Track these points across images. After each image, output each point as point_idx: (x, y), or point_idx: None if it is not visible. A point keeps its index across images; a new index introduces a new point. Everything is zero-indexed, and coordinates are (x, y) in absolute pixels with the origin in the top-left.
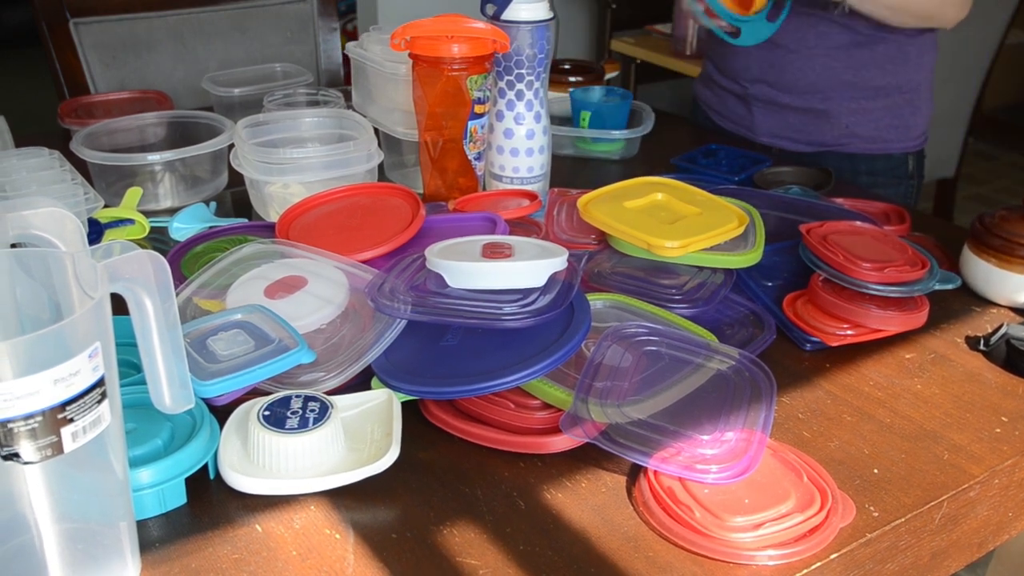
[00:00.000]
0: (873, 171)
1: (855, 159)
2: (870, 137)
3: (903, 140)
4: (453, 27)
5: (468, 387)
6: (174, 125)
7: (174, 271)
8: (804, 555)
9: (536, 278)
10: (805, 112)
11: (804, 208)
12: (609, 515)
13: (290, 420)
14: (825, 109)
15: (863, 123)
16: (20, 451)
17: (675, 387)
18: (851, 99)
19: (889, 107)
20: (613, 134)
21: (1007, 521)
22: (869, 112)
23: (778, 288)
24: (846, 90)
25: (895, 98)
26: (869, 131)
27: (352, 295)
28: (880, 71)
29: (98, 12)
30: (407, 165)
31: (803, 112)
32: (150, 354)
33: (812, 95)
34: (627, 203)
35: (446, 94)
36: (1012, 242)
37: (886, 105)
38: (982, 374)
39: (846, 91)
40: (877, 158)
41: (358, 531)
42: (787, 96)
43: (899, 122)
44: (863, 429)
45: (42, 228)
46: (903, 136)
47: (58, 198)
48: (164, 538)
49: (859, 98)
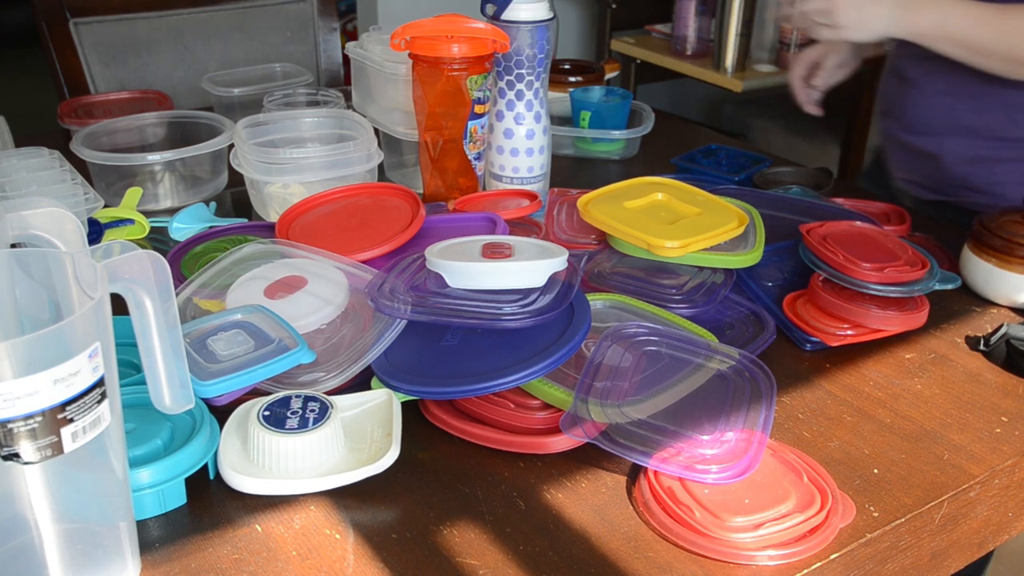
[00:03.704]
0: None
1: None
2: (989, 192)
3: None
4: (453, 27)
5: (468, 387)
6: (174, 125)
7: (174, 271)
8: (804, 555)
9: (536, 278)
10: (920, 155)
11: (804, 208)
12: (609, 515)
13: (290, 420)
14: (939, 154)
15: (980, 175)
16: (20, 451)
17: (675, 387)
18: (968, 147)
19: (1016, 160)
20: (613, 134)
21: (1007, 521)
22: (988, 163)
23: (778, 288)
24: (964, 137)
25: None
26: (987, 185)
27: (352, 295)
28: (1008, 121)
29: (98, 12)
30: (407, 165)
31: (918, 154)
32: (150, 354)
33: (928, 137)
34: (627, 203)
35: (446, 94)
36: (1012, 242)
37: (1012, 158)
38: (982, 374)
39: (964, 138)
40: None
41: (358, 531)
42: (904, 134)
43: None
44: (863, 429)
45: (42, 228)
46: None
47: (58, 198)
48: (164, 538)
49: (978, 147)
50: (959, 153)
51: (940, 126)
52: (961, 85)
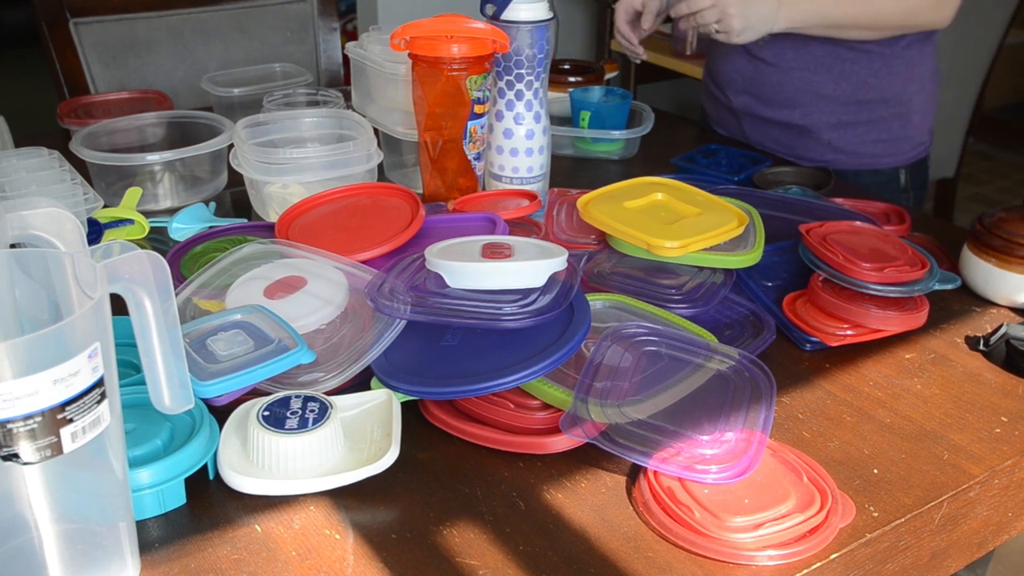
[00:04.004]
0: (863, 186)
1: (841, 175)
2: (854, 152)
3: (892, 155)
4: (453, 27)
5: (468, 387)
6: (173, 125)
7: (173, 271)
8: (804, 555)
9: (536, 278)
10: (787, 127)
11: (804, 208)
12: (609, 515)
13: (290, 420)
14: (805, 124)
15: (846, 138)
16: (19, 451)
17: (675, 387)
18: (831, 114)
19: (874, 122)
20: (613, 134)
21: (1007, 521)
22: (851, 127)
23: (778, 288)
24: (825, 103)
25: (880, 112)
26: (852, 146)
27: (352, 295)
28: (862, 85)
29: (98, 12)
30: (407, 165)
31: (785, 126)
32: (149, 354)
33: (791, 109)
34: (627, 203)
35: (446, 94)
36: (1012, 242)
37: (870, 120)
38: (982, 374)
39: (825, 104)
40: (863, 173)
41: (358, 531)
42: (768, 109)
43: (887, 136)
44: (863, 429)
45: (42, 228)
46: (892, 151)
47: (57, 198)
48: (164, 538)
49: (839, 113)
50: (824, 120)
51: (803, 99)
52: (815, 60)
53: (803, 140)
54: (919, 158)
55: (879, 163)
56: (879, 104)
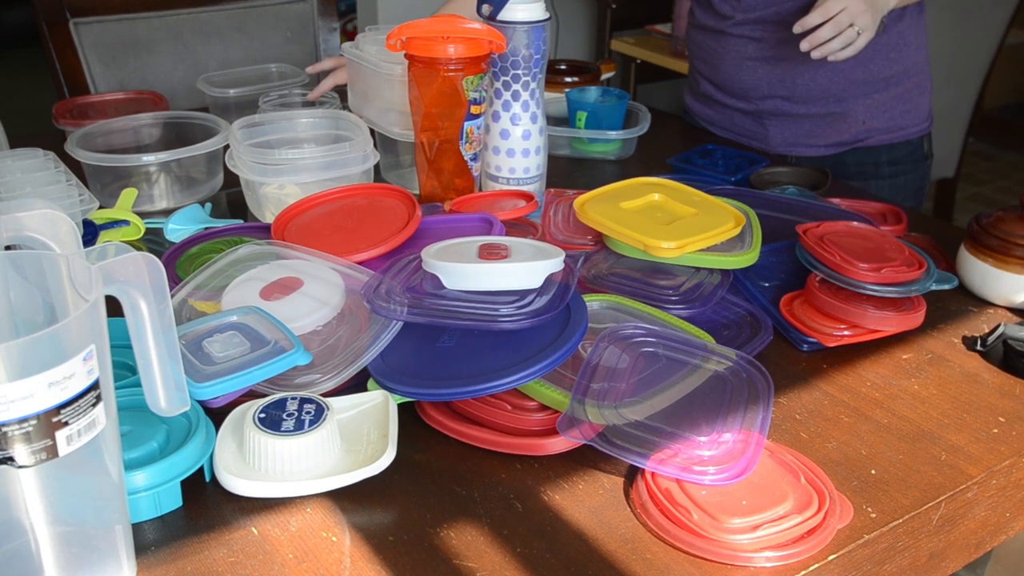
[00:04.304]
0: (894, 159)
1: (876, 151)
2: (887, 128)
3: (917, 123)
4: (449, 28)
5: (465, 389)
6: (169, 126)
7: (169, 273)
8: (802, 556)
9: (532, 279)
10: (823, 117)
11: (801, 208)
12: (606, 517)
13: (286, 422)
14: (842, 111)
15: (879, 116)
16: (14, 455)
17: (672, 388)
18: (864, 95)
19: (900, 95)
20: (609, 135)
21: (1005, 521)
22: (883, 104)
23: (775, 289)
24: (859, 87)
25: (904, 84)
26: (885, 122)
27: (348, 297)
28: (886, 61)
29: (98, 12)
30: (403, 166)
31: (820, 118)
32: (145, 356)
33: (827, 100)
34: (623, 204)
35: (442, 95)
36: (1009, 242)
37: (897, 93)
38: (979, 374)
39: (859, 88)
40: (896, 146)
41: (355, 533)
42: (802, 107)
43: (911, 106)
44: (860, 430)
45: (36, 230)
46: (916, 119)
47: (53, 199)
48: (159, 541)
49: (872, 92)
50: (860, 103)
51: (837, 88)
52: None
53: (838, 126)
54: (930, 128)
55: (908, 133)
56: (902, 76)
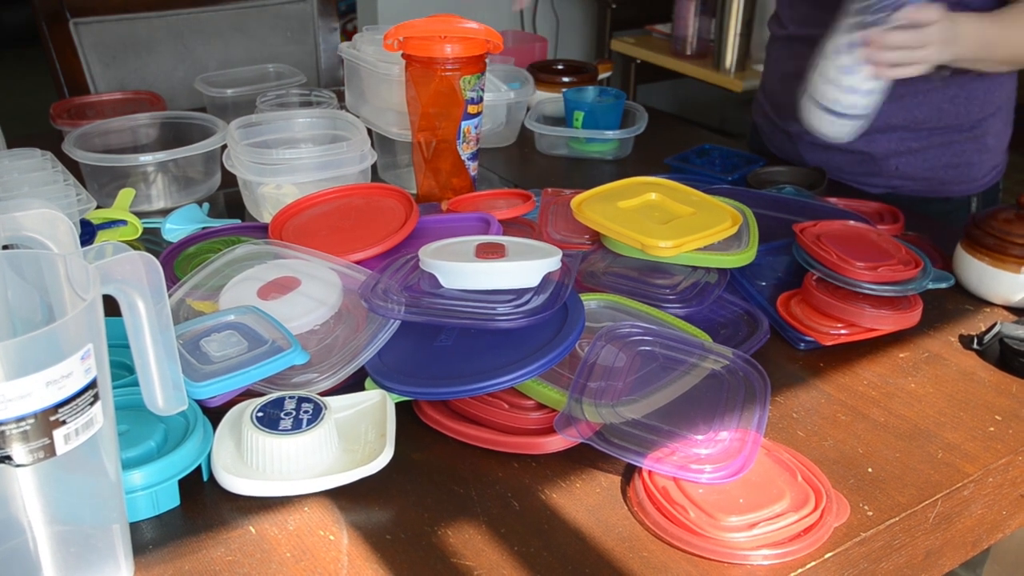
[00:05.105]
0: (930, 215)
1: (909, 201)
2: (923, 179)
3: (964, 181)
4: (446, 27)
5: (462, 388)
6: (167, 126)
7: (167, 272)
8: (799, 554)
9: (530, 278)
10: (848, 152)
11: (797, 207)
12: (604, 515)
13: (284, 421)
14: (868, 151)
15: (913, 164)
16: (12, 454)
17: (669, 387)
18: (898, 142)
19: (946, 145)
20: (607, 134)
21: (1001, 519)
22: (919, 153)
23: (772, 288)
24: (892, 132)
25: (953, 137)
26: (920, 172)
27: (345, 296)
28: (936, 112)
29: (98, 12)
30: (400, 166)
31: (846, 152)
32: (143, 356)
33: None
34: (621, 203)
35: (439, 94)
36: (1005, 241)
37: (942, 143)
38: (976, 373)
39: (892, 132)
40: (932, 201)
41: (352, 532)
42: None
43: (958, 161)
44: (857, 428)
45: (34, 230)
46: (964, 177)
47: (50, 199)
48: (157, 540)
49: (908, 140)
50: (891, 148)
51: (870, 128)
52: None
53: (865, 166)
54: (992, 184)
55: (949, 190)
56: (952, 130)
